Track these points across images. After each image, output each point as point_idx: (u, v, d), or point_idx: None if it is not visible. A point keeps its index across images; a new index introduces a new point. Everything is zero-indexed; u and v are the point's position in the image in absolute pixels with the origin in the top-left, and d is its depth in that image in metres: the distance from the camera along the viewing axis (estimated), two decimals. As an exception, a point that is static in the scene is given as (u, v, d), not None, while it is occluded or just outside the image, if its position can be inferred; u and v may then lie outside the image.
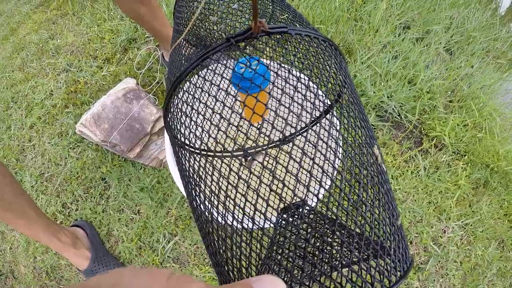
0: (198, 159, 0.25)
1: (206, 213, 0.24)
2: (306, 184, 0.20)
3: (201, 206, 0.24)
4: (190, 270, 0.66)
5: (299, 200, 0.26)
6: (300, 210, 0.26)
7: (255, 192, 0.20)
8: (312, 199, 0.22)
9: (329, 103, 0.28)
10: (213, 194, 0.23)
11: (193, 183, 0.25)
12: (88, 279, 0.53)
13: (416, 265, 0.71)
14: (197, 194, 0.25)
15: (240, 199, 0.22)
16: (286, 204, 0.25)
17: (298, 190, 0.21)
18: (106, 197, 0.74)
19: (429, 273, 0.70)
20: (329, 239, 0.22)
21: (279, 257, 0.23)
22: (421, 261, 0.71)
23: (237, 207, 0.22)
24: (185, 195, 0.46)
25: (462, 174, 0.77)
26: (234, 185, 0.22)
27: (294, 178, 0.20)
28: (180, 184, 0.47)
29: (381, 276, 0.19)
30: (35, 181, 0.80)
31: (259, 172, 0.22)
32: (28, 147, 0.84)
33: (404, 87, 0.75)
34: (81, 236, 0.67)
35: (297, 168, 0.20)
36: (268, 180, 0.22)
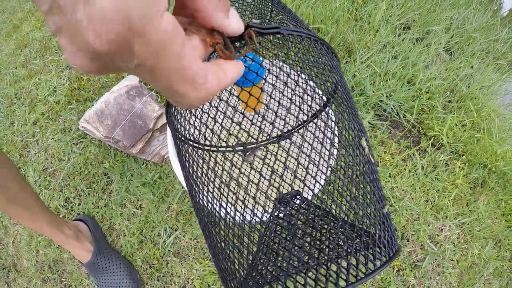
0: (200, 154, 0.28)
1: (208, 206, 0.26)
2: (304, 169, 0.22)
3: (201, 197, 0.26)
4: (191, 264, 0.69)
5: (294, 190, 0.28)
6: (295, 200, 0.28)
7: (252, 183, 0.23)
8: (308, 187, 0.24)
9: (321, 102, 0.30)
10: (211, 185, 0.25)
11: (193, 174, 0.27)
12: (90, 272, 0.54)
13: (413, 262, 0.72)
14: (197, 185, 0.27)
15: (237, 190, 0.24)
16: (280, 194, 0.27)
17: (295, 181, 0.24)
18: (109, 192, 0.76)
19: (425, 270, 0.72)
20: (319, 226, 0.24)
21: (273, 245, 0.25)
22: (417, 259, 0.73)
23: (234, 197, 0.24)
24: (185, 186, 0.48)
25: (460, 174, 0.78)
26: (233, 177, 0.24)
27: (291, 167, 0.22)
28: (181, 177, 0.49)
29: (366, 259, 0.21)
30: (38, 176, 0.82)
31: (258, 165, 0.24)
32: (32, 142, 0.87)
33: (403, 86, 0.77)
34: (84, 229, 0.69)
35: (295, 158, 0.22)
36: (267, 170, 0.24)
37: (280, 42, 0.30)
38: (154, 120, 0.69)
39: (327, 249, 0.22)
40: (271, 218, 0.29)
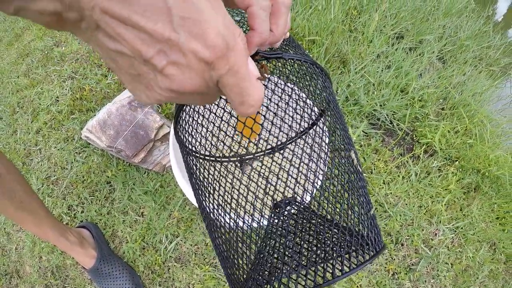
0: (205, 164, 0.32)
1: (219, 211, 0.30)
2: (302, 179, 0.27)
3: (208, 204, 0.31)
4: (191, 269, 0.72)
5: (290, 196, 0.32)
6: (291, 205, 0.33)
7: (251, 189, 0.27)
8: (305, 192, 0.28)
9: (315, 115, 0.34)
10: (221, 192, 0.30)
11: (204, 182, 0.31)
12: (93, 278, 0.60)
13: (408, 266, 0.76)
14: (204, 193, 0.31)
15: (238, 195, 0.28)
16: (277, 201, 0.32)
17: (291, 188, 0.28)
18: (111, 200, 0.80)
19: (420, 274, 0.76)
20: (315, 226, 0.29)
21: (273, 246, 0.30)
22: (412, 262, 0.77)
23: (234, 202, 0.28)
24: (188, 196, 0.52)
25: (452, 179, 0.82)
26: (241, 183, 0.28)
27: (288, 176, 0.26)
28: (183, 186, 0.53)
29: (357, 254, 0.25)
30: (42, 184, 0.86)
31: (256, 173, 0.28)
32: (35, 151, 0.91)
33: (396, 95, 0.81)
34: (87, 236, 0.73)
35: (294, 168, 0.26)
36: (263, 179, 0.28)
37: (281, 64, 0.34)
38: (155, 130, 0.73)
39: (324, 245, 0.27)
40: (271, 221, 0.33)
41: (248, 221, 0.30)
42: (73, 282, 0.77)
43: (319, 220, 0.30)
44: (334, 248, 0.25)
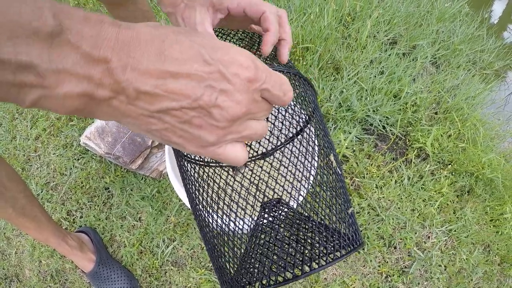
0: (198, 169, 0.35)
1: (205, 213, 0.33)
2: (289, 181, 0.30)
3: (200, 207, 0.33)
4: (188, 273, 0.75)
5: (276, 198, 0.35)
6: (278, 205, 0.36)
7: (241, 191, 0.30)
8: (294, 194, 0.31)
9: (303, 122, 0.37)
10: (210, 196, 0.32)
11: (195, 186, 0.34)
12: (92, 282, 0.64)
13: (401, 269, 0.79)
14: (197, 196, 0.34)
15: (230, 197, 0.31)
16: (266, 200, 0.35)
17: (281, 190, 0.31)
18: (109, 205, 0.83)
19: (413, 276, 0.78)
20: (297, 225, 0.32)
21: (261, 245, 0.33)
22: (405, 265, 0.79)
23: (226, 204, 0.31)
24: (184, 201, 0.55)
25: (445, 183, 0.85)
26: (233, 187, 0.31)
27: (277, 179, 0.29)
28: (179, 191, 0.56)
29: (334, 248, 0.28)
30: (41, 190, 0.88)
31: (249, 176, 0.31)
32: (34, 157, 0.93)
33: (389, 101, 0.84)
34: (86, 241, 0.76)
35: (282, 171, 0.29)
36: (255, 181, 0.31)
37: None
38: (152, 137, 0.76)
39: (304, 242, 0.30)
40: (258, 222, 0.36)
41: (235, 220, 0.33)
42: (72, 285, 0.80)
43: (302, 218, 0.33)
44: (313, 244, 0.28)
